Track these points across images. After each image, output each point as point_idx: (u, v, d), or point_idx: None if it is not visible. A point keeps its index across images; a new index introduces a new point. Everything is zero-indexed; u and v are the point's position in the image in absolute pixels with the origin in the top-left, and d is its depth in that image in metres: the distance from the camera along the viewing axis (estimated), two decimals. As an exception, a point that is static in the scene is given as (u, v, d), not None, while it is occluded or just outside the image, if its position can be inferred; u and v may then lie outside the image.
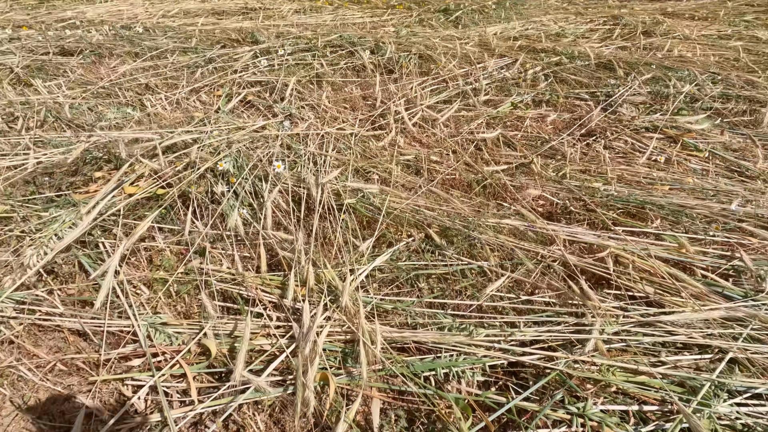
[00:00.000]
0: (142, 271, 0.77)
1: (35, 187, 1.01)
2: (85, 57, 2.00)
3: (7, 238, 0.84)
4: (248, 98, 1.53)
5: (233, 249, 0.79)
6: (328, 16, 2.70)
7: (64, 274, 0.75)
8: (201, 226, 0.84)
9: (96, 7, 3.10)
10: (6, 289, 0.69)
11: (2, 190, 0.99)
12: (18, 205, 0.88)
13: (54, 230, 0.77)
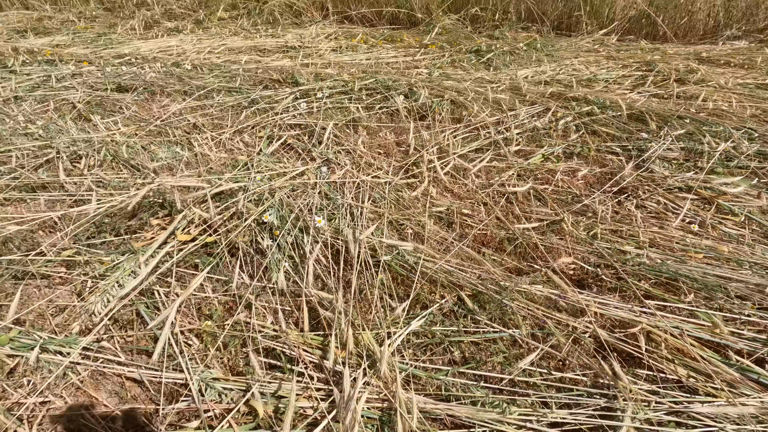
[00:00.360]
0: (192, 320, 0.83)
1: (96, 229, 1.10)
2: (139, 94, 2.16)
3: (73, 281, 0.92)
4: (288, 141, 1.62)
5: (276, 303, 0.84)
6: (363, 55, 2.82)
7: (123, 321, 0.82)
8: (247, 279, 0.90)
9: (148, 42, 3.34)
10: (74, 334, 0.76)
11: (70, 231, 1.08)
12: (84, 250, 0.97)
13: (116, 278, 0.84)
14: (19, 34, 4.05)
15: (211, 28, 3.79)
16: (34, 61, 2.76)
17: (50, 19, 4.95)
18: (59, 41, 3.64)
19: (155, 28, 4.11)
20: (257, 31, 3.65)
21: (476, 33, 3.34)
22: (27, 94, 2.21)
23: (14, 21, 4.91)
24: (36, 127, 1.77)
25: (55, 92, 2.22)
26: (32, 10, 5.42)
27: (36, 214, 1.18)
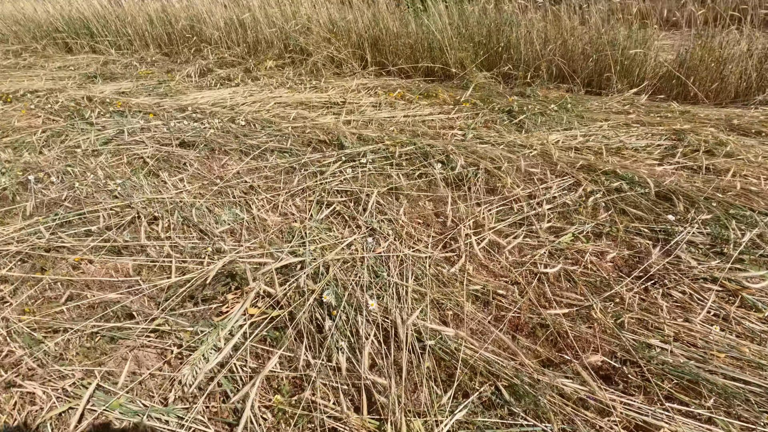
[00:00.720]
0: (263, 394, 0.97)
1: (177, 297, 1.27)
2: (200, 151, 2.40)
3: (162, 351, 1.08)
4: (336, 207, 1.79)
5: (337, 383, 0.97)
6: (401, 113, 3.02)
7: (209, 393, 0.96)
8: (310, 357, 1.04)
9: (204, 93, 3.66)
10: (171, 404, 0.91)
11: (156, 297, 1.26)
12: (172, 321, 1.13)
13: (202, 351, 1.00)
14: (90, 80, 4.50)
15: (260, 79, 4.11)
16: (106, 112, 3.09)
17: (114, 63, 5.46)
18: (125, 88, 4.03)
19: (209, 75, 4.48)
20: (302, 82, 3.94)
21: (509, 90, 3.51)
22: (103, 147, 2.49)
23: (84, 65, 5.44)
24: (115, 184, 2.01)
25: (127, 146, 2.49)
26: (99, 54, 5.99)
27: (125, 278, 1.37)
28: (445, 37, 3.92)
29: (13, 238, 1.55)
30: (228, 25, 5.25)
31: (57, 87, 4.00)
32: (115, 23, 6.12)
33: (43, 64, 5.59)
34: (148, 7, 5.93)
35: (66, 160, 2.36)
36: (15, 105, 3.42)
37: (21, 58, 6.00)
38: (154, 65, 5.26)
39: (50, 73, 4.91)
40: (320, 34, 4.54)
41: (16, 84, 4.26)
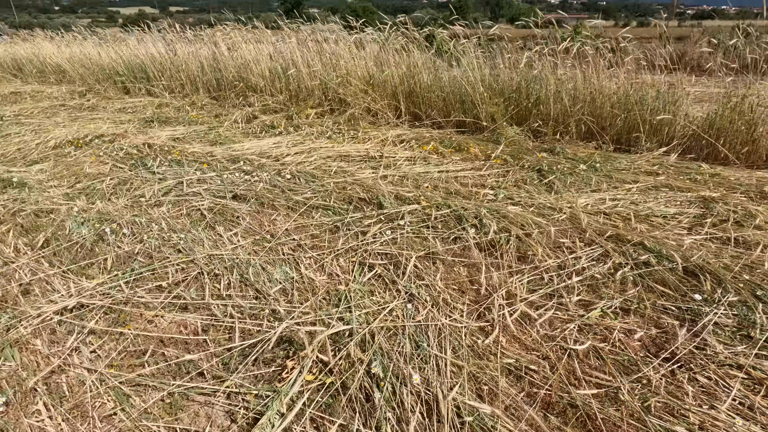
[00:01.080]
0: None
1: (240, 356, 1.43)
2: (251, 205, 2.63)
3: (231, 411, 1.23)
4: (377, 270, 1.94)
5: (385, 455, 1.09)
6: (435, 168, 3.20)
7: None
8: (362, 427, 1.17)
9: (251, 141, 3.96)
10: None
11: (222, 356, 1.43)
12: (239, 383, 1.29)
13: (268, 417, 1.15)
14: (147, 124, 4.93)
15: (301, 127, 4.41)
16: (165, 161, 3.40)
17: (168, 106, 5.94)
18: (179, 134, 4.40)
19: (254, 121, 4.84)
20: (340, 132, 4.21)
21: (538, 145, 3.65)
22: (164, 198, 2.75)
23: (141, 107, 5.95)
24: (178, 237, 2.24)
25: (186, 197, 2.75)
26: (154, 97, 6.53)
27: (195, 336, 1.55)
28: (477, 92, 4.13)
29: (98, 291, 1.77)
30: (272, 74, 5.67)
31: (119, 131, 4.41)
32: (170, 69, 6.69)
33: (104, 105, 6.14)
34: (200, 55, 6.48)
35: (133, 209, 2.63)
36: (85, 150, 3.81)
37: (85, 99, 6.61)
38: (203, 109, 5.70)
39: (112, 116, 5.41)
40: (358, 86, 4.85)
41: (84, 126, 4.71)
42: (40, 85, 8.17)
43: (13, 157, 3.80)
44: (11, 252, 2.12)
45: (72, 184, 3.11)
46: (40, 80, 8.67)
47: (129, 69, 7.18)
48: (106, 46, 8.00)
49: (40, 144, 4.06)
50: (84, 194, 2.89)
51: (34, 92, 7.55)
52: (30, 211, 2.59)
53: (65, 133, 4.36)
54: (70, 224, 2.37)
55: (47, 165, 3.52)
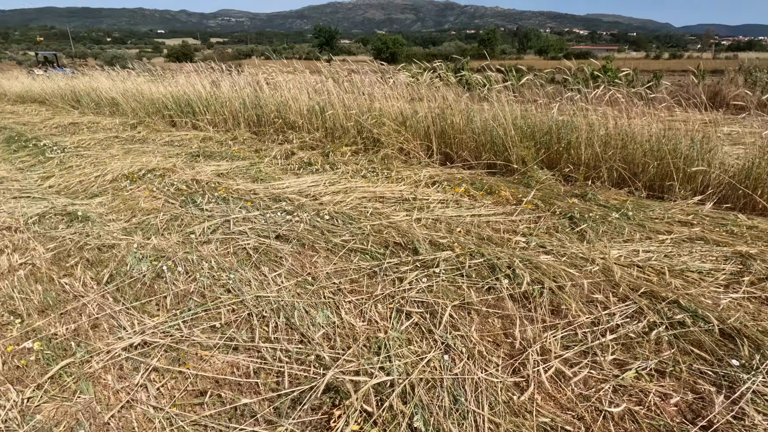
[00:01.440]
0: None
1: (289, 401, 1.54)
2: (293, 245, 2.79)
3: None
4: (414, 318, 2.04)
5: None
6: (467, 212, 3.30)
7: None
8: (405, 480, 1.24)
9: (290, 178, 4.18)
10: None
11: (273, 400, 1.54)
12: (291, 430, 1.40)
13: (319, 465, 1.24)
14: (194, 158, 5.27)
15: (337, 165, 4.62)
16: (212, 198, 3.64)
17: (211, 140, 6.32)
18: (223, 169, 4.69)
19: (292, 157, 5.09)
20: (374, 171, 4.38)
21: (569, 190, 3.71)
22: (212, 236, 2.95)
23: (188, 140, 6.35)
24: (227, 277, 2.41)
25: (232, 235, 2.94)
26: (199, 131, 6.96)
27: (247, 378, 1.68)
28: (508, 135, 4.25)
29: (159, 329, 1.94)
30: (310, 113, 5.98)
31: (168, 166, 4.74)
32: (214, 104, 7.15)
33: (153, 138, 6.60)
34: (243, 92, 6.91)
35: (185, 246, 2.83)
36: (140, 185, 4.12)
37: (136, 131, 7.12)
38: (244, 143, 6.05)
39: (161, 149, 5.81)
40: (391, 126, 5.07)
41: (136, 160, 5.08)
42: (96, 117, 8.85)
43: (75, 190, 4.15)
44: (80, 286, 2.34)
45: (129, 218, 3.37)
46: (96, 112, 9.38)
47: (177, 104, 7.71)
48: (157, 82, 8.64)
49: (99, 177, 4.42)
50: (140, 229, 3.14)
51: (90, 123, 8.19)
52: (94, 245, 2.84)
53: (120, 167, 4.72)
54: (130, 260, 2.58)
55: (106, 198, 3.82)
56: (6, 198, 3.76)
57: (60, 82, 11.16)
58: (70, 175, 4.58)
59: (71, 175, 4.55)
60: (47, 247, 2.81)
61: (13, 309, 2.14)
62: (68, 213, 3.38)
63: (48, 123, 8.36)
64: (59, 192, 4.12)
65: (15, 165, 5.23)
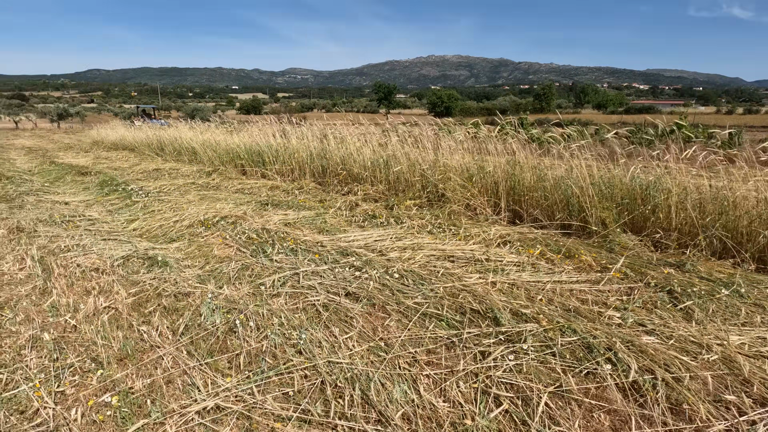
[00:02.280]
0: None
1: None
2: (363, 305, 2.67)
3: None
4: (503, 403, 1.80)
5: None
6: (546, 277, 3.05)
7: None
8: None
9: (355, 231, 4.15)
10: None
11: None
12: None
13: None
14: (263, 207, 5.45)
15: (402, 219, 4.56)
16: (282, 249, 3.66)
17: (278, 189, 6.56)
18: (291, 219, 4.78)
19: (357, 209, 5.12)
20: (441, 227, 4.27)
21: (661, 258, 3.34)
22: (281, 289, 2.92)
23: (257, 188, 6.65)
24: (298, 336, 2.32)
25: (302, 290, 2.89)
26: (267, 179, 7.29)
27: (323, 462, 1.52)
28: (585, 194, 4.01)
29: (232, 393, 1.85)
30: (373, 165, 6.09)
31: (239, 213, 4.92)
32: (282, 155, 7.53)
33: (226, 185, 6.99)
34: (310, 144, 7.23)
35: (255, 298, 2.82)
36: (213, 231, 4.28)
37: (211, 179, 7.61)
38: (309, 193, 6.22)
39: (232, 196, 6.11)
40: (457, 181, 4.99)
41: (210, 207, 5.35)
42: (176, 164, 9.63)
43: (156, 234, 4.39)
44: (157, 336, 2.35)
45: (203, 264, 3.46)
46: (176, 159, 10.24)
47: (248, 153, 8.22)
48: (231, 134, 9.34)
49: (177, 222, 4.66)
50: (213, 277, 3.19)
51: (171, 170, 8.90)
52: (171, 291, 2.90)
53: (196, 212, 4.97)
54: (204, 310, 2.59)
55: (183, 244, 3.99)
56: (96, 239, 4.04)
57: (148, 132, 12.43)
58: (152, 218, 4.89)
59: (153, 219, 4.85)
60: (129, 291, 2.91)
61: (96, 356, 2.17)
62: (149, 257, 3.54)
63: (135, 168, 9.20)
64: (142, 235, 4.37)
65: (106, 207, 5.70)
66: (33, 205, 5.63)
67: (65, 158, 11.71)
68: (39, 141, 19.27)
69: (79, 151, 13.55)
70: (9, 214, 5.15)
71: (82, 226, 4.62)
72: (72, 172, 8.60)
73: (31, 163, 10.71)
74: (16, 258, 3.59)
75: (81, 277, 3.19)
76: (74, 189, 7.14)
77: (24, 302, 2.80)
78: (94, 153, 12.60)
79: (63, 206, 5.70)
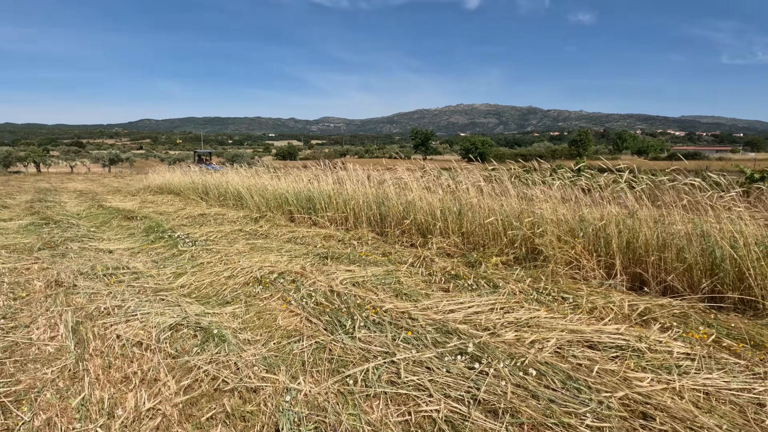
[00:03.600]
0: None
1: None
2: (508, 426, 1.85)
3: None
4: None
5: None
6: (750, 380, 2.14)
7: None
8: None
9: (442, 301, 3.37)
10: None
11: None
12: None
13: None
14: (321, 260, 4.78)
15: (495, 282, 3.76)
16: (363, 323, 2.91)
17: (332, 239, 5.92)
18: (358, 277, 4.06)
19: (432, 266, 4.36)
20: (549, 293, 3.44)
21: None
22: (379, 388, 2.14)
23: (309, 237, 6.03)
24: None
25: (407, 391, 2.10)
26: (319, 227, 6.69)
27: None
28: (747, 258, 3.11)
29: None
30: (443, 214, 5.38)
31: (297, 268, 4.27)
32: (336, 201, 6.97)
33: (275, 233, 6.44)
34: (368, 190, 6.66)
35: (345, 400, 2.05)
36: (272, 292, 3.61)
37: (258, 225, 7.09)
38: (369, 244, 5.55)
39: (284, 246, 5.50)
40: (554, 233, 4.19)
41: (263, 258, 4.74)
42: (221, 208, 9.30)
43: (206, 293, 3.77)
44: (221, 470, 1.60)
45: (266, 339, 2.75)
46: (221, 204, 9.94)
47: (297, 199, 7.74)
48: (281, 179, 8.98)
49: (230, 279, 4.04)
50: (282, 360, 2.47)
51: (216, 215, 8.53)
52: (233, 384, 2.19)
53: (248, 266, 4.36)
54: (283, 424, 1.84)
55: (238, 308, 3.32)
56: (140, 300, 3.44)
57: (194, 177, 12.37)
58: (201, 272, 4.30)
59: (202, 273, 4.26)
60: (179, 382, 2.22)
61: None
62: (202, 327, 2.87)
63: (180, 213, 8.90)
64: (191, 293, 3.75)
65: (151, 257, 5.20)
66: (76, 254, 5.21)
67: (113, 202, 11.72)
68: (90, 184, 19.96)
69: (127, 195, 13.67)
70: (51, 262, 4.71)
71: (126, 281, 4.08)
72: (118, 217, 8.36)
73: (80, 206, 10.70)
74: (49, 323, 3.01)
75: (120, 354, 2.54)
76: (120, 235, 6.78)
77: (48, 393, 2.15)
78: (141, 197, 12.61)
79: (107, 255, 5.25)
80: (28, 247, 5.56)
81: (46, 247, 5.55)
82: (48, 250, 5.44)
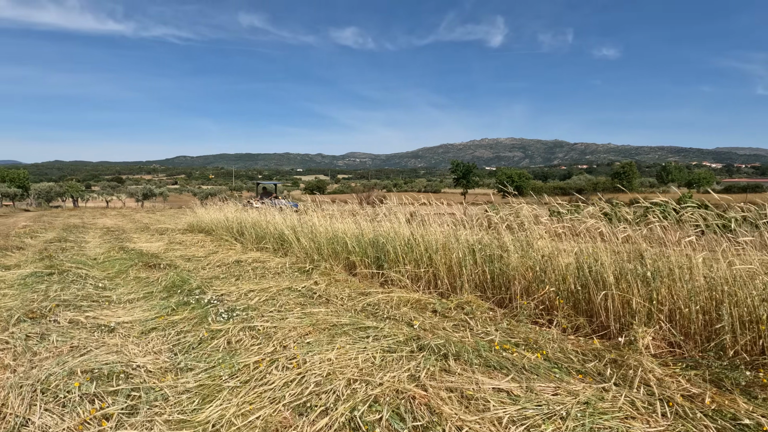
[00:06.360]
0: None
1: None
2: None
3: None
4: None
5: None
6: None
7: None
8: None
9: None
10: None
11: None
12: None
13: None
14: (439, 359, 2.91)
15: None
16: None
17: (427, 309, 4.06)
18: (530, 417, 2.16)
19: (659, 385, 2.41)
20: None
21: None
22: None
23: (390, 306, 4.19)
24: None
25: None
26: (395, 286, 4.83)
27: None
28: None
29: None
30: (625, 276, 3.47)
31: (405, 382, 2.42)
32: (418, 248, 5.15)
33: (337, 294, 4.63)
34: (469, 236, 4.80)
35: None
36: None
37: (312, 281, 5.31)
38: (490, 323, 3.66)
39: (363, 323, 3.66)
40: None
41: (338, 351, 2.93)
42: (259, 252, 7.66)
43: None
44: None
45: None
46: (258, 247, 8.32)
47: (360, 245, 5.96)
48: (332, 219, 7.29)
49: (302, 415, 2.22)
50: None
51: (254, 262, 6.86)
52: None
53: (321, 372, 2.55)
54: None
55: None
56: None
57: (229, 214, 10.91)
58: (245, 391, 2.50)
59: (248, 395, 2.46)
60: None
61: None
62: None
63: (211, 259, 7.29)
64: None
65: (169, 340, 3.47)
66: (61, 334, 3.52)
67: (138, 242, 10.34)
68: (120, 220, 19.06)
69: (154, 233, 12.35)
70: (15, 355, 3.04)
71: (118, 404, 2.32)
72: (139, 264, 6.79)
73: (101, 248, 9.32)
74: None
75: None
76: (134, 293, 5.14)
77: None
78: (169, 236, 11.22)
79: (106, 335, 3.55)
80: (5, 317, 3.93)
81: (28, 318, 3.92)
82: (29, 322, 3.80)
